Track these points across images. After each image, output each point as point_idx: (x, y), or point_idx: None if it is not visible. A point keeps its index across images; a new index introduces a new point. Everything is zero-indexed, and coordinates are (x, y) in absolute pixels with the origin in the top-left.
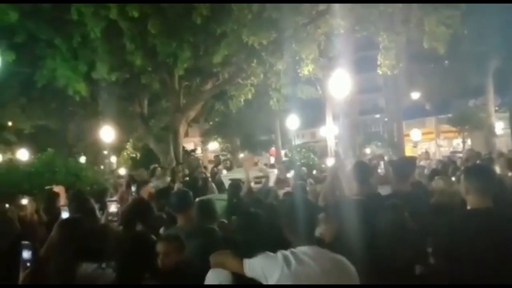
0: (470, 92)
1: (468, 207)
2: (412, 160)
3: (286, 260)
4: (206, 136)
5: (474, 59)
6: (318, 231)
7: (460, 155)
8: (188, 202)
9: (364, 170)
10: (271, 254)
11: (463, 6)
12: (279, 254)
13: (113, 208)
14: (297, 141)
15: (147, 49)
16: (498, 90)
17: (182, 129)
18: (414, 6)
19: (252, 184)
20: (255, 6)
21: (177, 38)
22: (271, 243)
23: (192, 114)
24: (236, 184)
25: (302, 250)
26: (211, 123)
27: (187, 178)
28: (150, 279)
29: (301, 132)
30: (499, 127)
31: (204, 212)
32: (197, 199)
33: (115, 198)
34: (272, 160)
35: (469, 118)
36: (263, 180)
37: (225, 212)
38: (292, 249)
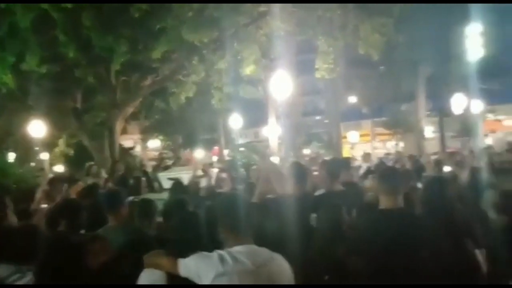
0: (404, 96)
1: (380, 207)
2: (343, 160)
3: (221, 259)
4: (146, 134)
5: (407, 65)
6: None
7: (393, 156)
8: (120, 201)
9: (299, 170)
10: (207, 254)
11: (396, 14)
12: (215, 253)
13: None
14: (241, 140)
15: (82, 41)
16: (429, 95)
17: (119, 126)
18: (351, 13)
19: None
20: (196, 4)
21: (114, 31)
22: (208, 243)
23: (129, 110)
24: (178, 184)
25: (238, 249)
26: (151, 120)
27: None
28: (75, 280)
29: (244, 132)
30: (429, 130)
31: (142, 212)
32: (133, 198)
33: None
34: (215, 159)
35: (402, 121)
36: (203, 179)
37: (164, 212)
38: (228, 249)
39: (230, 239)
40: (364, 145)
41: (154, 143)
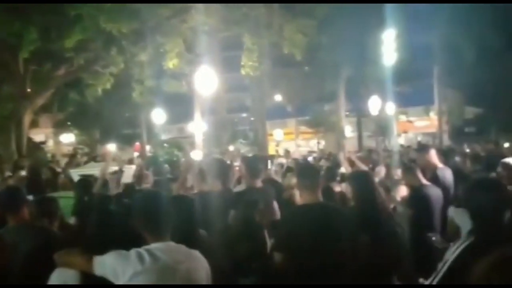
0: (326, 97)
1: (301, 203)
2: (262, 158)
3: (139, 257)
4: (59, 127)
5: (329, 67)
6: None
7: (315, 154)
8: (20, 200)
9: (220, 166)
10: (124, 252)
11: (319, 16)
12: (133, 251)
13: None
14: (164, 136)
15: None
16: (349, 96)
17: (27, 119)
18: (276, 12)
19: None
20: None
21: (22, 17)
22: (126, 240)
23: (40, 102)
24: (85, 181)
25: (156, 246)
26: (65, 113)
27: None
28: None
29: (168, 127)
30: (348, 130)
31: (41, 211)
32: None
33: None
34: (136, 155)
35: (324, 121)
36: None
37: (78, 210)
38: (146, 246)
39: (148, 237)
40: (289, 143)
41: (68, 138)
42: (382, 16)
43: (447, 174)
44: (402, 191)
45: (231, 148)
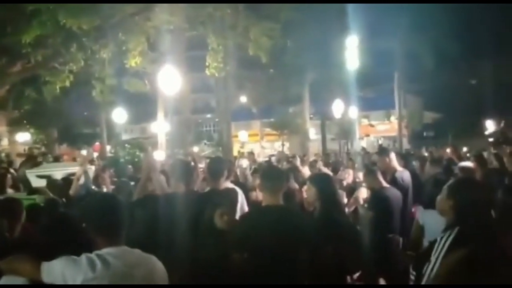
0: (291, 99)
1: (263, 204)
2: (226, 160)
3: (90, 263)
4: (15, 126)
5: (294, 69)
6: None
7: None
8: None
9: (183, 168)
10: (74, 257)
11: (283, 20)
12: (83, 257)
13: None
14: (126, 136)
15: None
16: (313, 100)
17: None
18: (241, 14)
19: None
20: None
21: None
22: (77, 245)
23: None
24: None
25: (108, 251)
26: (21, 111)
27: None
28: None
29: (130, 127)
30: (312, 132)
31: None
32: None
33: None
34: (96, 155)
35: (288, 123)
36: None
37: (31, 213)
38: (98, 251)
39: (100, 241)
40: (254, 145)
41: (24, 137)
42: (345, 22)
43: (405, 177)
44: (363, 193)
45: (195, 149)
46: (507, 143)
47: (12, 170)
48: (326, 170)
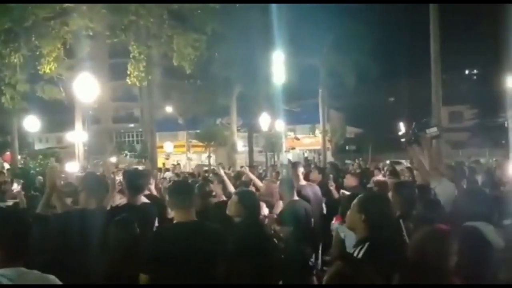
0: (218, 111)
1: (174, 221)
2: (145, 173)
3: None
4: None
5: (221, 82)
6: None
7: (206, 168)
8: None
9: (94, 182)
10: None
11: (209, 32)
12: None
13: None
14: (41, 146)
15: None
16: (240, 112)
17: None
18: (166, 23)
19: None
20: None
21: None
22: None
23: None
24: None
25: (3, 272)
26: None
27: None
28: None
29: (46, 136)
30: (240, 144)
31: None
32: None
33: None
34: (6, 166)
35: (215, 135)
36: None
37: None
38: None
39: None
40: (180, 156)
41: None
42: (272, 37)
43: (311, 191)
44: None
45: (113, 159)
46: (418, 143)
47: None
48: (258, 181)
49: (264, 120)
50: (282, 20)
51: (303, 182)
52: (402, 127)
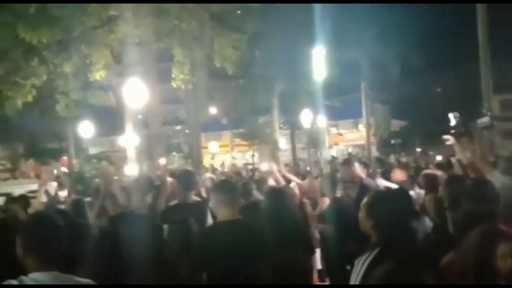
0: (260, 110)
1: (218, 220)
2: (195, 172)
3: None
4: None
5: (263, 80)
6: None
7: (250, 166)
8: None
9: (147, 184)
10: None
11: (249, 31)
12: (6, 282)
13: None
14: (95, 150)
15: None
16: (282, 110)
17: None
18: (207, 25)
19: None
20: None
21: None
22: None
23: None
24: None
25: (34, 276)
26: None
27: None
28: None
29: (99, 140)
30: (283, 142)
31: None
32: None
33: None
34: (64, 170)
35: (258, 133)
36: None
37: None
38: (22, 277)
39: (32, 265)
40: (224, 156)
41: None
42: (312, 33)
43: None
44: (325, 203)
45: (163, 161)
46: (469, 134)
47: None
48: (295, 179)
49: (305, 117)
50: (322, 14)
51: (364, 176)
52: (452, 119)
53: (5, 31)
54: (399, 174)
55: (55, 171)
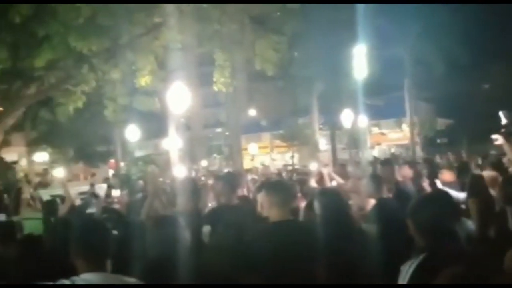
0: (299, 111)
1: (270, 220)
2: (239, 174)
3: None
4: (32, 146)
5: (302, 81)
6: None
7: (290, 167)
8: None
9: (191, 185)
10: (49, 284)
11: (289, 33)
12: (59, 282)
13: None
14: (140, 153)
15: None
16: (322, 110)
17: None
18: (247, 28)
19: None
20: (85, 10)
21: None
22: (57, 270)
23: (11, 121)
24: (52, 201)
25: (85, 277)
26: (38, 131)
27: None
28: None
29: (144, 144)
30: (322, 143)
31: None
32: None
33: None
34: (111, 173)
35: (298, 134)
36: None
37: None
38: (74, 277)
39: (80, 265)
40: (264, 157)
41: (42, 157)
42: (353, 31)
43: (407, 188)
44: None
45: (204, 163)
46: None
47: (30, 190)
48: (339, 180)
49: (346, 117)
50: (363, 12)
51: (400, 178)
52: (502, 117)
53: (58, 41)
54: (447, 175)
55: (111, 172)
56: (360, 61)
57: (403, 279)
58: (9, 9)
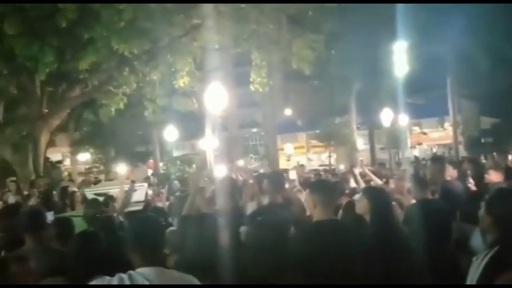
0: (336, 110)
1: (314, 219)
2: (283, 173)
3: (120, 281)
4: (76, 146)
5: (339, 80)
6: None
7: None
8: (39, 221)
9: (231, 184)
10: (107, 278)
11: (326, 31)
12: (116, 277)
13: None
14: (177, 153)
15: (3, 50)
16: (360, 109)
17: (44, 138)
18: (284, 28)
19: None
20: (126, 14)
21: (39, 40)
22: (113, 264)
23: (56, 122)
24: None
25: (141, 271)
26: (81, 132)
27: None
28: None
29: (181, 144)
30: (360, 143)
31: (59, 231)
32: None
33: None
34: (150, 172)
35: (335, 134)
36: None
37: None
38: (131, 271)
39: (137, 261)
40: (300, 157)
41: (85, 156)
42: (392, 28)
43: (456, 188)
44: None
45: (240, 163)
46: None
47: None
48: (378, 180)
49: (385, 116)
50: (403, 8)
51: (448, 178)
52: None
53: (101, 44)
54: (494, 176)
55: (150, 172)
56: (400, 58)
57: (475, 271)
58: (56, 14)
